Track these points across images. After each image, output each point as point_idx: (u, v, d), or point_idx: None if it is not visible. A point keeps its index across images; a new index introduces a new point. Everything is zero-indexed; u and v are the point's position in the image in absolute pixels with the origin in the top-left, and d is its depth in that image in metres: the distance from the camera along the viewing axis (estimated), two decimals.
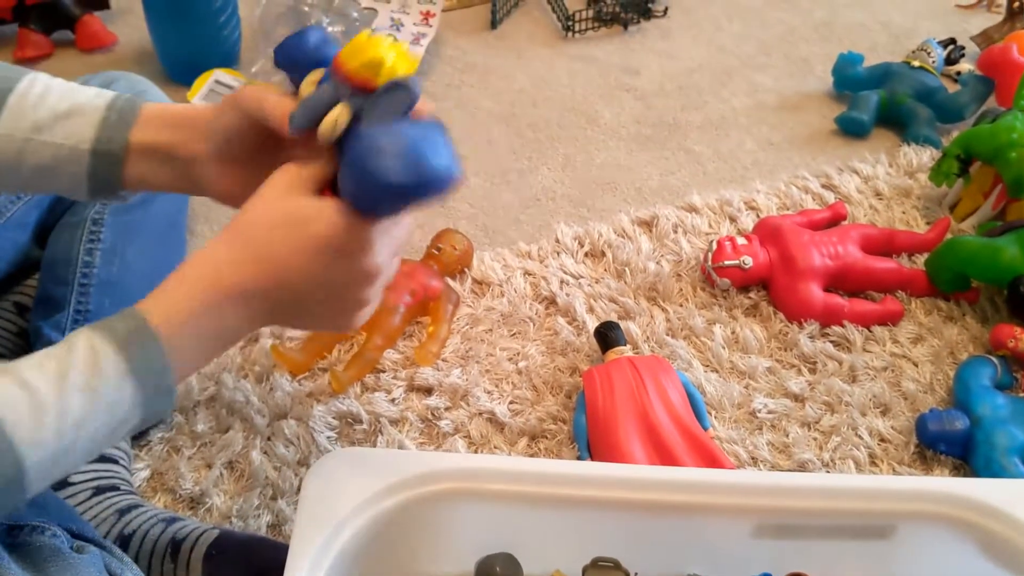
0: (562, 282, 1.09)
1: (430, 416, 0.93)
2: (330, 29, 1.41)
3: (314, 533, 0.63)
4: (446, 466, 0.70)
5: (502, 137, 1.31)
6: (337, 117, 0.58)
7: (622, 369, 0.92)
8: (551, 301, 1.07)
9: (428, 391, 0.96)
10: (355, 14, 1.46)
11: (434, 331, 1.00)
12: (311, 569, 0.62)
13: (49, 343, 0.84)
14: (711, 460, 0.85)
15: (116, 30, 1.53)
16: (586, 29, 1.58)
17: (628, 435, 0.86)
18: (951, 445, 0.92)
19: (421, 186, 0.55)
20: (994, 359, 0.99)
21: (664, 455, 0.85)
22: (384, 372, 0.97)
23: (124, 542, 0.76)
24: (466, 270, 1.10)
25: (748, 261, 1.05)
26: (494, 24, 1.59)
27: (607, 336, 0.97)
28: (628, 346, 0.97)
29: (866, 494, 0.71)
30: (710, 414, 0.95)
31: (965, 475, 0.91)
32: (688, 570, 0.74)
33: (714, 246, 1.07)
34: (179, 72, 1.40)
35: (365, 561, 0.67)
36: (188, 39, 1.38)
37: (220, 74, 1.39)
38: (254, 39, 1.45)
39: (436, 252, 1.07)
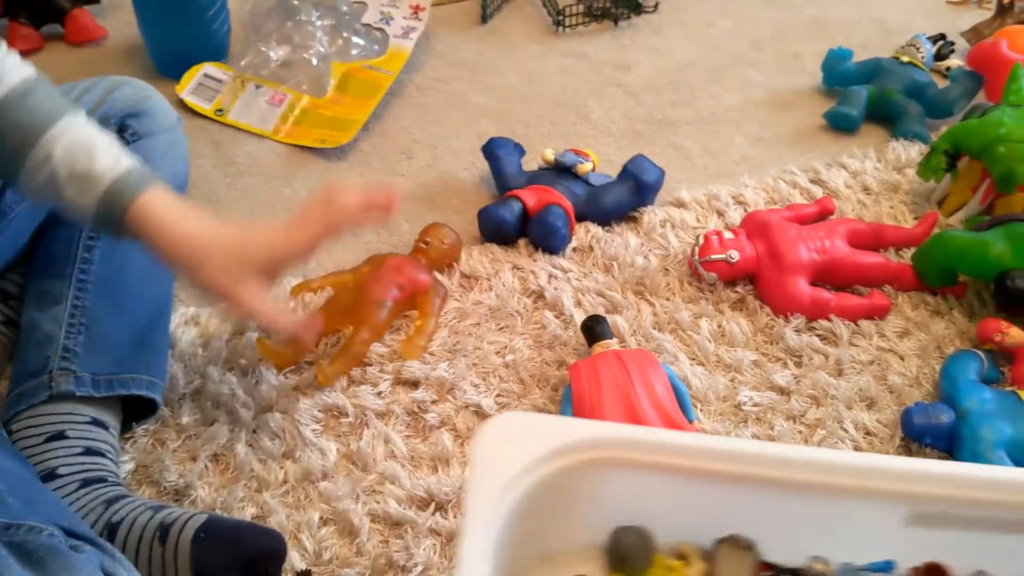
0: (550, 276, 1.09)
1: (416, 409, 0.93)
2: (319, 23, 1.41)
3: (484, 497, 0.64)
4: (603, 434, 0.70)
5: (493, 132, 1.31)
6: None
7: (608, 362, 0.92)
8: (539, 295, 1.07)
9: (415, 384, 0.96)
10: (345, 8, 1.46)
11: (421, 325, 1.00)
12: (484, 532, 0.62)
13: (46, 337, 0.85)
14: None
15: (106, 24, 1.53)
16: (577, 24, 1.58)
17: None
18: (937, 438, 0.92)
19: None
20: (981, 353, 0.99)
21: None
22: (371, 366, 0.97)
23: (112, 530, 0.76)
24: (454, 264, 1.10)
25: (735, 255, 1.05)
26: (484, 19, 1.59)
27: (594, 330, 0.97)
28: (615, 339, 0.97)
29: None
30: (696, 407, 0.95)
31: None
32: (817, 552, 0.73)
33: (701, 240, 1.07)
34: (168, 66, 1.40)
35: (521, 525, 0.67)
36: (177, 33, 1.38)
37: (209, 68, 1.39)
38: (243, 33, 1.45)
39: (424, 246, 1.07)
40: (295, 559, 0.79)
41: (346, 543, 0.81)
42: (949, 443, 0.91)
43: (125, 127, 0.99)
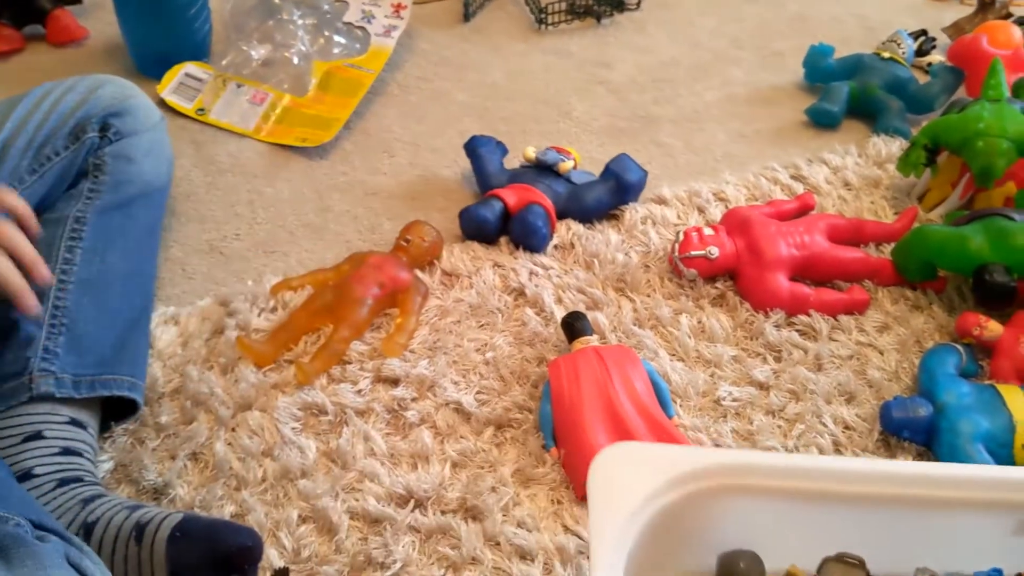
0: (531, 273, 1.09)
1: (396, 407, 0.93)
2: (301, 22, 1.41)
3: (609, 527, 0.65)
4: (718, 462, 0.71)
5: (475, 130, 1.31)
6: None
7: (588, 359, 0.92)
8: (520, 292, 1.07)
9: (395, 382, 0.96)
10: (326, 7, 1.46)
11: (402, 323, 1.00)
12: (612, 564, 0.64)
13: (27, 337, 0.85)
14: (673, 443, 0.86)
15: (87, 24, 1.53)
16: (559, 22, 1.58)
17: (593, 424, 0.86)
18: (915, 432, 0.92)
19: None
20: (959, 347, 0.99)
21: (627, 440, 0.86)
22: (351, 363, 0.97)
23: (88, 529, 0.76)
24: (435, 262, 1.10)
25: (714, 251, 1.06)
26: (467, 17, 1.59)
27: (573, 326, 0.97)
28: (595, 336, 0.98)
29: None
30: (675, 402, 0.95)
31: (928, 462, 0.92)
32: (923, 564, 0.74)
33: (681, 237, 1.07)
34: (150, 66, 1.40)
35: (639, 554, 0.68)
36: (158, 33, 1.38)
37: (191, 67, 1.39)
38: (225, 32, 1.45)
39: (405, 244, 1.07)
40: (273, 557, 0.79)
41: (325, 541, 0.81)
42: (927, 437, 0.92)
43: (108, 126, 0.98)
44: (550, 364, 0.93)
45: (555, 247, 1.13)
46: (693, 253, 1.06)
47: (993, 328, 1.00)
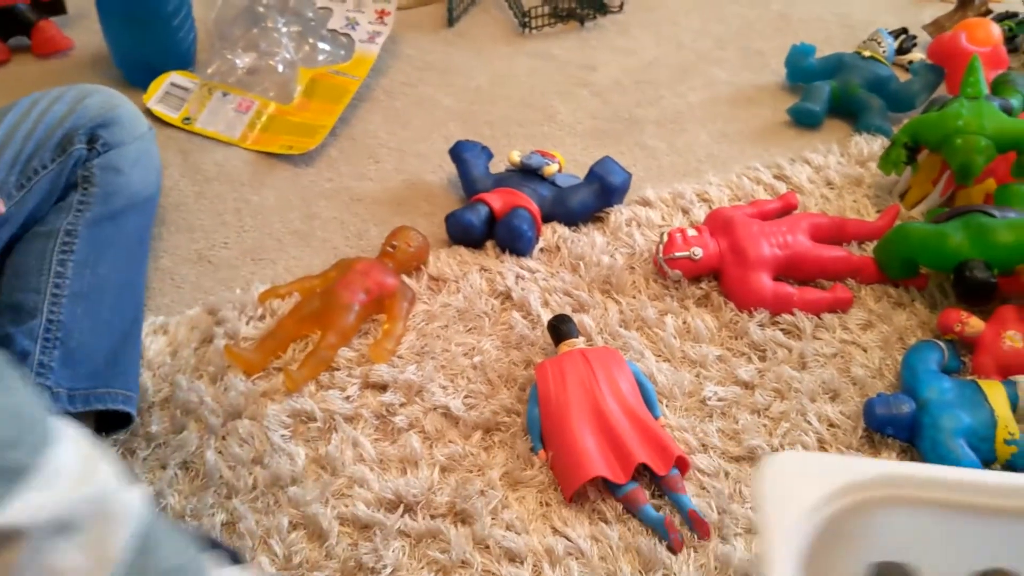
0: (518, 277, 1.10)
1: (385, 412, 0.94)
2: (285, 30, 1.42)
3: (780, 537, 0.65)
4: (880, 472, 0.71)
5: (460, 134, 1.32)
6: None
7: (574, 361, 0.93)
8: (506, 296, 1.08)
9: (383, 388, 0.96)
10: (311, 14, 1.47)
11: (389, 328, 1.01)
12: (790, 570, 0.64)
13: (22, 351, 0.84)
14: (660, 448, 0.87)
15: (72, 35, 1.53)
16: (543, 26, 1.59)
17: (580, 426, 0.87)
18: (898, 429, 0.93)
19: None
20: (941, 344, 1.00)
21: (615, 445, 0.86)
22: (339, 370, 0.97)
23: None
24: (422, 267, 1.10)
25: (698, 252, 1.07)
26: (451, 22, 1.60)
27: (559, 329, 0.98)
28: (581, 338, 0.98)
29: None
30: (661, 402, 0.96)
31: (912, 458, 0.93)
32: None
33: (665, 238, 1.08)
34: (135, 75, 1.40)
35: (806, 562, 0.69)
36: (143, 42, 1.38)
37: (176, 76, 1.39)
38: (209, 41, 1.45)
39: (391, 250, 1.08)
40: (265, 564, 0.80)
41: (315, 547, 0.82)
42: (910, 433, 0.93)
43: (95, 137, 0.99)
44: (537, 367, 0.94)
45: (541, 250, 1.14)
46: (677, 254, 1.07)
47: (974, 324, 1.01)
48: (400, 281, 1.05)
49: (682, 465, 0.88)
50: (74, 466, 0.49)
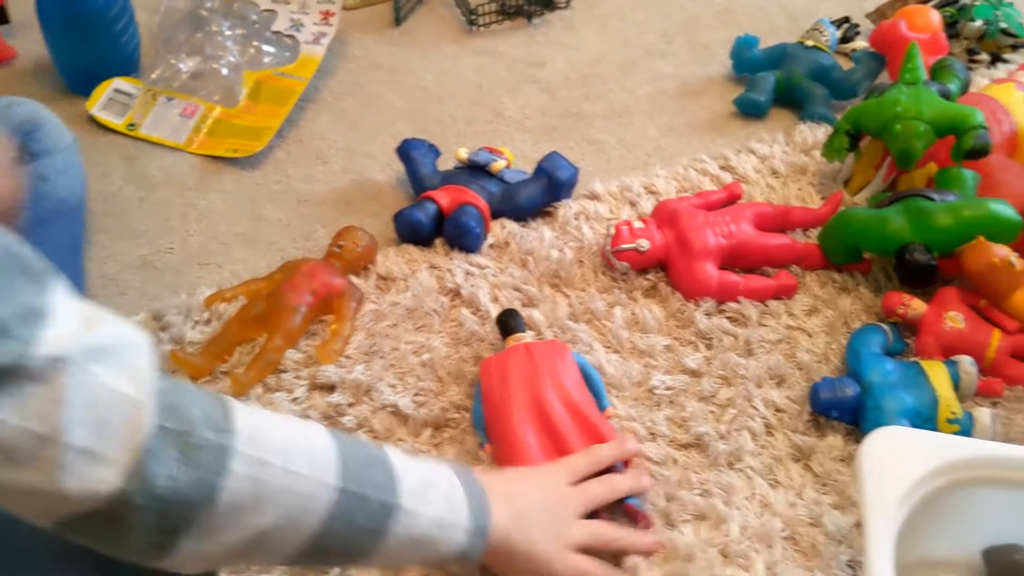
0: (467, 273, 1.10)
1: (333, 413, 0.94)
2: (229, 33, 1.41)
3: (883, 508, 0.71)
4: (978, 452, 0.77)
5: (408, 133, 1.31)
6: None
7: (518, 356, 0.93)
8: (456, 293, 1.08)
9: (331, 388, 0.96)
10: (255, 17, 1.46)
11: (336, 329, 1.01)
12: (886, 539, 0.69)
13: None
14: (599, 442, 0.87)
15: (15, 44, 1.51)
16: (490, 23, 1.59)
17: (520, 421, 0.87)
18: (843, 412, 0.94)
19: None
20: (885, 327, 1.02)
21: (554, 439, 0.86)
22: (286, 372, 0.97)
23: None
24: (369, 266, 1.10)
25: (645, 244, 1.07)
26: (398, 21, 1.59)
27: (507, 324, 0.98)
28: (529, 333, 0.99)
29: None
30: (610, 393, 0.96)
31: (857, 440, 0.94)
32: None
33: (612, 231, 1.09)
34: (79, 82, 1.39)
35: (906, 534, 0.72)
36: (85, 49, 1.37)
37: (120, 83, 1.38)
38: (153, 46, 1.44)
39: (338, 250, 1.08)
40: None
41: None
42: (855, 416, 0.94)
43: (21, 147, 0.97)
44: (482, 364, 0.94)
45: (490, 246, 1.14)
46: (624, 246, 1.08)
47: (916, 306, 1.03)
48: (347, 281, 1.05)
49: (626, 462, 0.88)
50: (82, 307, 0.53)
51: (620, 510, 0.85)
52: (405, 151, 1.21)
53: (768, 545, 0.84)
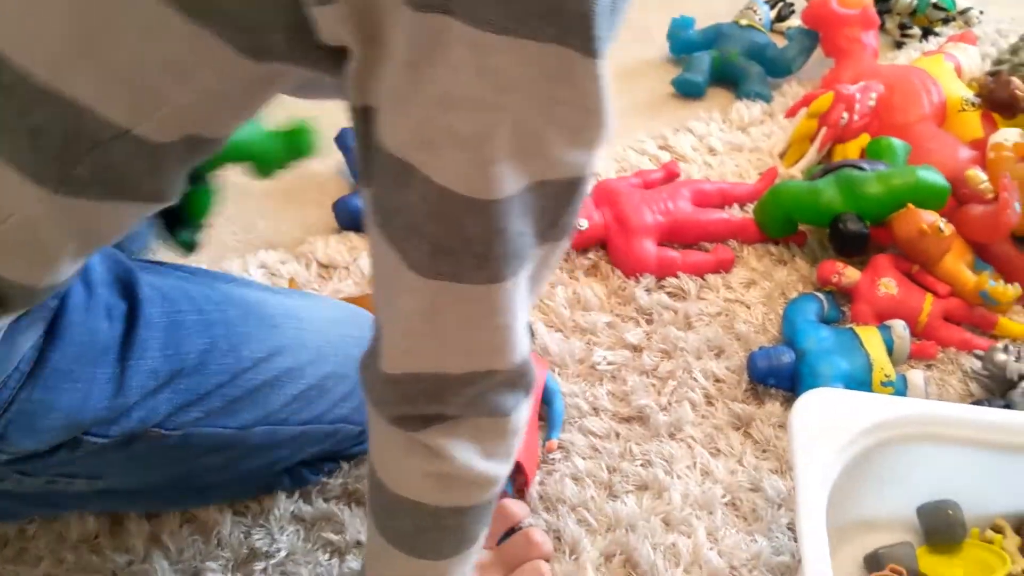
0: None
1: None
2: None
3: (813, 468, 0.72)
4: (915, 411, 0.79)
5: (347, 123, 1.31)
6: None
7: None
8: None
9: None
10: None
11: None
12: (817, 501, 0.70)
13: None
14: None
15: None
16: None
17: None
18: (780, 379, 0.96)
19: None
20: (820, 296, 1.04)
21: None
22: None
23: None
24: (311, 254, 1.10)
25: (584, 223, 1.08)
26: None
27: None
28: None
29: None
30: (554, 371, 0.97)
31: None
32: None
33: None
34: None
35: (841, 495, 0.74)
36: None
37: None
38: None
39: None
40: (158, 561, 0.79)
41: (206, 537, 0.81)
42: (792, 382, 0.96)
43: None
44: None
45: None
46: None
47: (850, 274, 1.05)
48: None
49: (521, 483, 0.86)
50: None
51: None
52: (343, 140, 1.21)
53: (709, 512, 0.86)
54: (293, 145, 0.97)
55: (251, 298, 0.75)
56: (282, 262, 1.08)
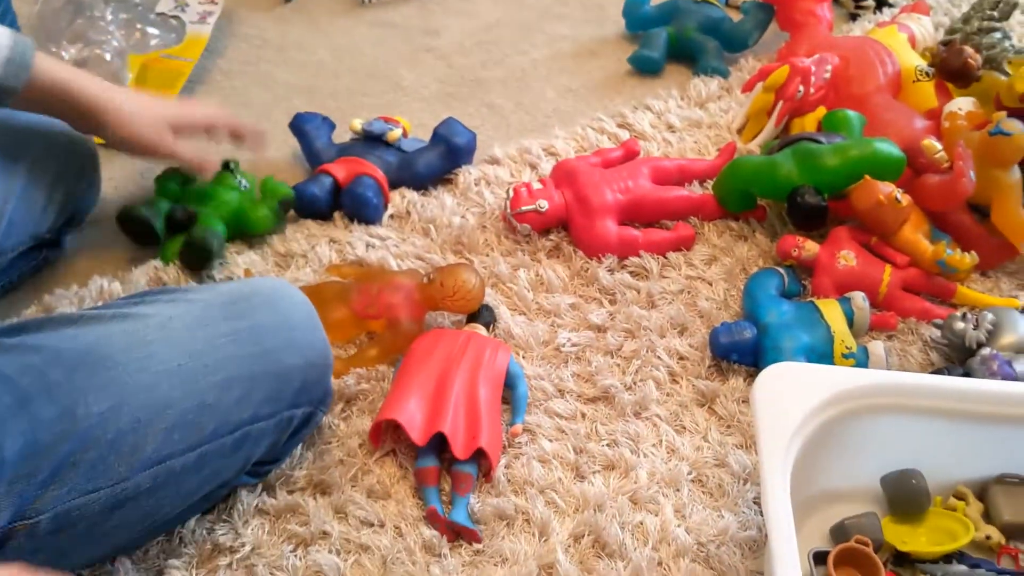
0: (368, 245, 1.09)
1: None
2: (112, 17, 1.37)
3: (776, 442, 0.73)
4: (872, 381, 0.79)
5: (303, 109, 1.29)
6: None
7: (456, 338, 0.94)
8: (358, 265, 1.07)
9: None
10: (137, 0, 1.42)
11: (367, 356, 0.96)
12: (780, 474, 0.71)
13: None
14: (471, 434, 0.85)
15: None
16: None
17: (415, 384, 0.88)
18: (742, 354, 0.96)
19: None
20: (781, 270, 1.04)
21: (433, 409, 0.87)
22: None
23: None
24: (267, 243, 1.08)
25: (544, 204, 1.08)
26: None
27: (476, 313, 0.99)
28: (483, 328, 0.98)
29: None
30: (517, 354, 0.97)
31: None
32: None
33: (511, 193, 1.09)
34: None
35: (805, 466, 0.75)
36: None
37: None
38: (33, 35, 1.38)
39: (426, 281, 0.98)
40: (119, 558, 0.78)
41: (170, 536, 0.80)
42: (754, 357, 0.96)
43: None
44: (429, 331, 0.96)
45: (391, 217, 1.13)
46: (524, 208, 1.08)
47: (810, 248, 1.05)
48: (410, 318, 0.97)
49: (486, 469, 0.86)
50: None
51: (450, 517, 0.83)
52: (298, 125, 1.20)
53: (676, 489, 0.86)
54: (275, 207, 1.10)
55: (89, 339, 0.70)
56: (238, 252, 1.07)
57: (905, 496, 0.83)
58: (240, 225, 1.08)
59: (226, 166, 1.12)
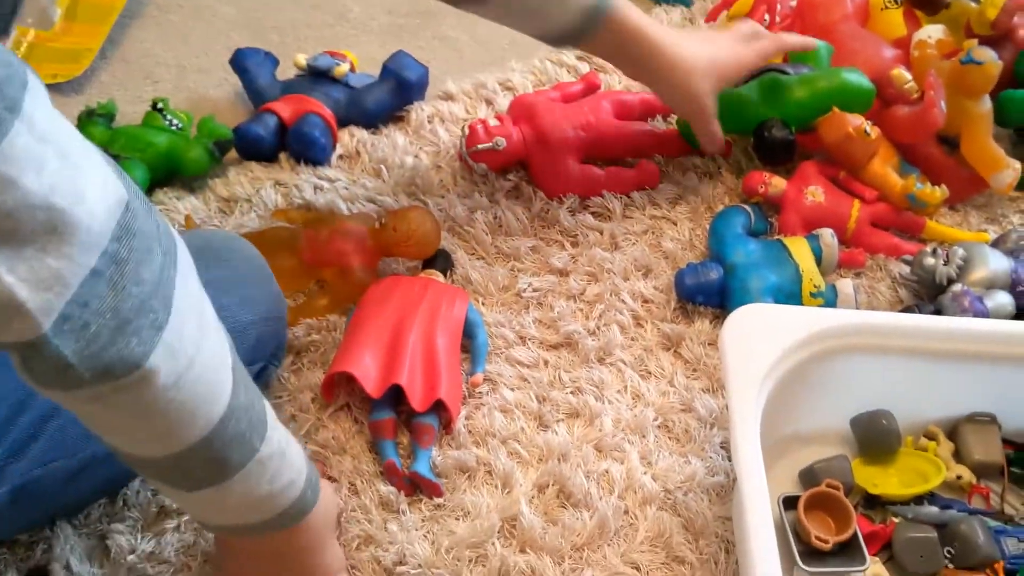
0: (316, 188, 1.04)
1: None
2: None
3: (746, 386, 0.71)
4: (846, 321, 0.77)
5: (244, 44, 1.22)
6: None
7: (412, 285, 0.90)
8: (306, 209, 1.02)
9: None
10: None
11: (317, 305, 0.92)
12: (750, 417, 0.69)
13: None
14: (430, 385, 0.82)
15: None
16: None
17: (369, 335, 0.84)
18: (709, 296, 0.93)
19: None
20: (747, 208, 1.01)
21: (388, 360, 0.83)
22: None
23: None
24: (208, 186, 1.03)
25: (501, 142, 1.03)
26: None
27: (431, 259, 0.95)
28: (440, 275, 0.94)
29: None
30: (476, 301, 0.93)
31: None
32: None
33: (466, 131, 1.04)
34: None
35: (775, 409, 0.73)
36: None
37: None
38: None
39: (378, 227, 0.94)
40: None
41: (112, 498, 0.76)
42: (721, 298, 0.93)
43: None
44: (381, 280, 0.91)
45: (340, 157, 1.08)
46: (480, 147, 1.03)
47: (777, 184, 1.02)
48: (363, 266, 0.92)
49: (446, 421, 0.83)
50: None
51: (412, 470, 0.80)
52: (239, 62, 1.13)
53: (642, 435, 0.84)
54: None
55: None
56: (177, 198, 1.01)
57: (875, 437, 0.81)
58: (172, 168, 1.02)
59: (154, 106, 1.04)
